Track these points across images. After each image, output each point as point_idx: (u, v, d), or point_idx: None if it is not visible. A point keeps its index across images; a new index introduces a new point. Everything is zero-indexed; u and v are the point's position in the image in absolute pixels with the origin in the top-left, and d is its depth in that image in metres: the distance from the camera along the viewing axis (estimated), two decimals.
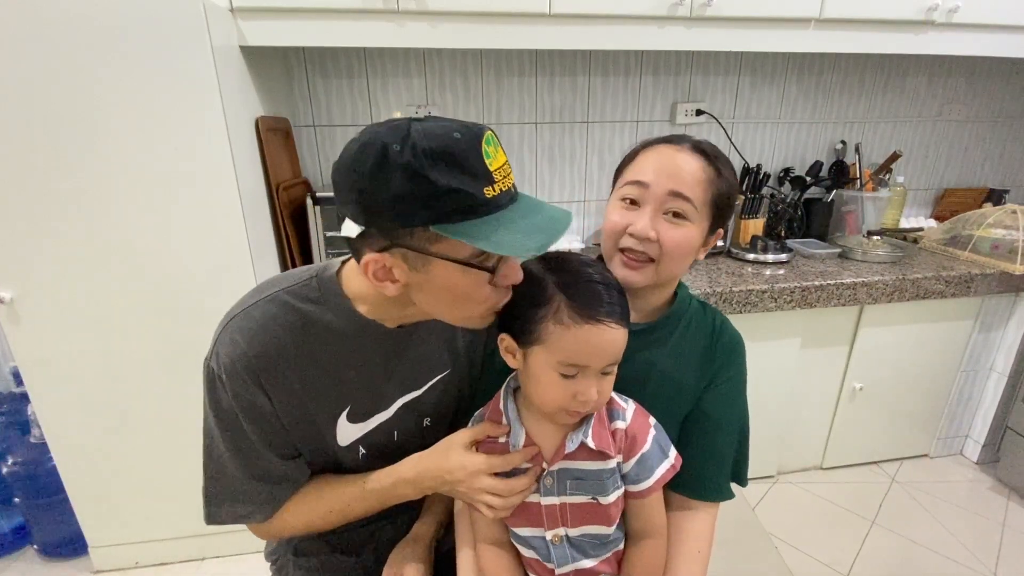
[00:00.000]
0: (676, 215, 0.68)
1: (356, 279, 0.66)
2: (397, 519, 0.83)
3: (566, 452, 0.63)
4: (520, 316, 0.61)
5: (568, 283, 0.60)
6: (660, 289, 0.74)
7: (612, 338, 0.59)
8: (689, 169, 0.67)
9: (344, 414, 0.70)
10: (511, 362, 0.65)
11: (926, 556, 1.53)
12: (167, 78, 1.09)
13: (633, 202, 0.70)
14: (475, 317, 0.63)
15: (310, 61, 1.64)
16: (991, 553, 1.53)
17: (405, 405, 0.74)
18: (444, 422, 0.79)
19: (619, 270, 0.70)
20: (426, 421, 0.77)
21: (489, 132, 0.56)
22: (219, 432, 0.66)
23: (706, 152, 0.69)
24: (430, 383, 0.75)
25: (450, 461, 0.67)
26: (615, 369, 0.62)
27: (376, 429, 0.73)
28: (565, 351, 0.59)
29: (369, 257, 0.57)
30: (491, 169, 0.54)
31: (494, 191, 0.54)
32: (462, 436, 0.69)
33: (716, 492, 0.75)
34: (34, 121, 1.08)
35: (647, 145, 0.72)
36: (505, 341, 0.64)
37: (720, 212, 0.70)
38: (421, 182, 0.51)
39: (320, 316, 0.66)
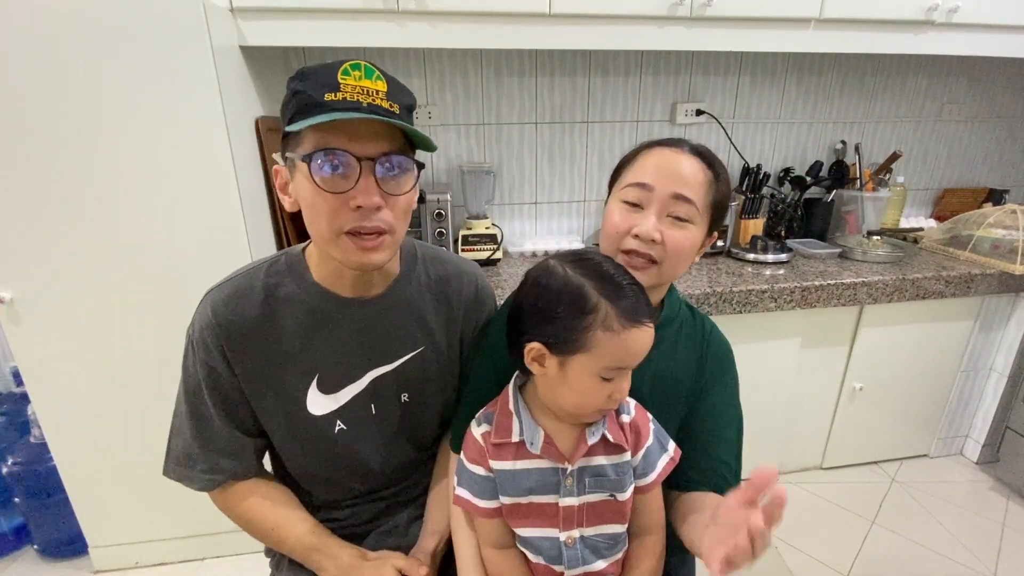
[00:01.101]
0: (679, 219, 0.68)
1: (313, 249, 0.72)
2: (395, 517, 0.83)
3: (589, 445, 0.64)
4: (561, 325, 0.60)
5: (609, 289, 0.60)
6: (657, 290, 0.75)
7: (649, 337, 0.61)
8: (691, 172, 0.68)
9: (314, 383, 0.72)
10: (538, 371, 0.63)
11: (926, 556, 1.52)
12: (167, 78, 1.09)
13: (635, 205, 0.70)
14: (328, 238, 0.63)
15: (310, 61, 1.64)
16: (991, 553, 1.53)
17: (378, 378, 0.75)
18: (423, 399, 0.80)
19: None
20: (404, 396, 0.78)
21: (363, 63, 0.61)
22: (183, 395, 0.72)
23: (704, 155, 0.71)
24: (403, 359, 0.76)
25: (382, 574, 0.70)
26: None
27: (351, 402, 0.74)
28: (612, 356, 0.59)
29: (276, 168, 0.67)
30: (341, 82, 0.59)
31: (335, 96, 0.59)
32: (397, 560, 0.73)
33: (725, 488, 0.75)
34: (34, 121, 1.08)
35: (646, 147, 0.72)
36: (534, 351, 0.62)
37: (718, 215, 0.72)
38: (287, 92, 0.62)
39: (285, 288, 0.71)
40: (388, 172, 0.62)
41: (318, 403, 0.73)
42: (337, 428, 0.74)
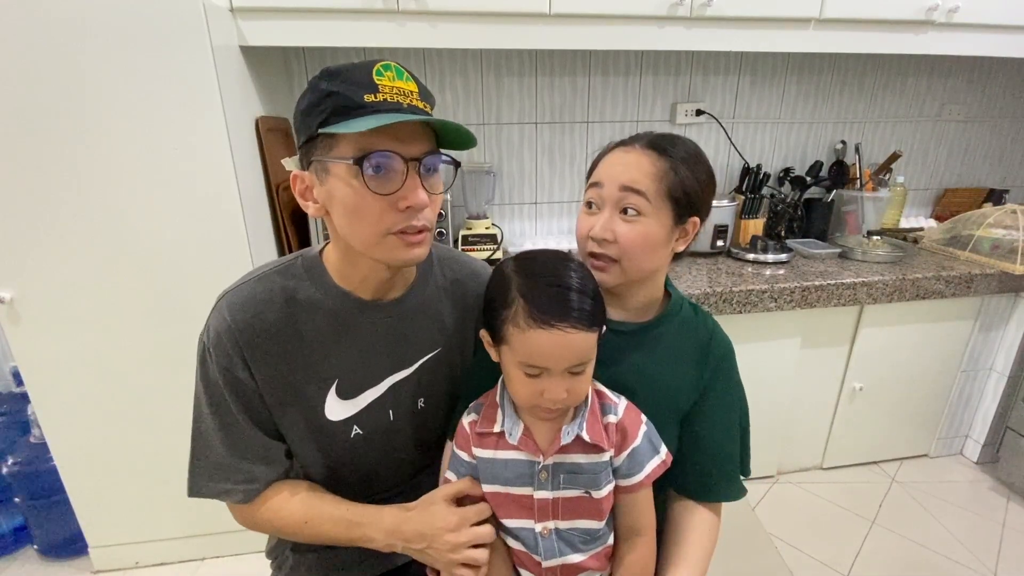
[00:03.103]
0: (631, 211, 0.69)
1: (333, 252, 0.70)
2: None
3: (561, 444, 0.64)
4: (491, 316, 0.64)
5: (528, 286, 0.60)
6: (641, 287, 0.74)
7: (568, 342, 0.59)
8: (638, 164, 0.69)
9: (333, 388, 0.71)
10: (494, 356, 0.67)
11: (926, 556, 1.53)
12: (167, 78, 1.09)
13: (593, 206, 0.72)
14: (373, 240, 0.62)
15: (310, 61, 1.64)
16: (991, 553, 1.53)
17: (396, 384, 0.75)
18: (437, 405, 0.79)
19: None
20: (420, 403, 0.78)
21: (392, 63, 0.61)
22: (207, 406, 0.69)
23: (659, 146, 0.70)
24: (420, 362, 0.76)
25: (433, 516, 0.67)
26: (587, 368, 0.62)
27: (370, 407, 0.74)
28: (523, 353, 0.60)
29: (294, 174, 0.65)
30: (378, 83, 0.58)
31: (375, 98, 0.58)
32: (443, 492, 0.70)
33: (725, 493, 0.75)
34: (34, 121, 1.08)
35: (606, 151, 0.74)
36: (485, 337, 0.66)
37: (680, 203, 0.70)
38: (314, 93, 0.59)
39: (303, 291, 0.69)
40: (429, 171, 0.63)
41: (336, 409, 0.72)
42: (354, 433, 0.74)
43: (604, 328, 0.64)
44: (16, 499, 1.46)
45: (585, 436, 0.64)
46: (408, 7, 1.28)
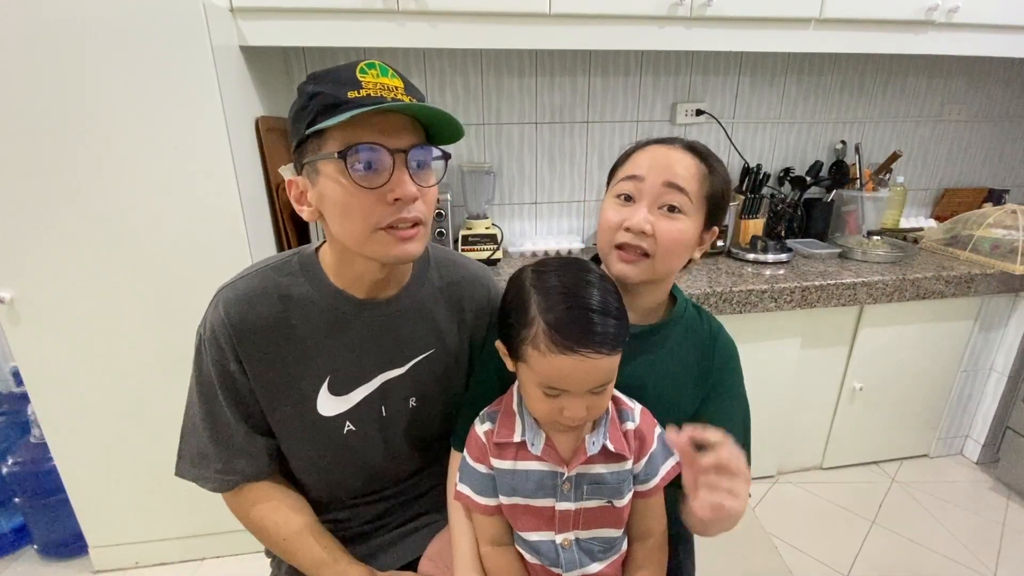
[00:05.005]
0: (671, 209, 0.68)
1: (328, 251, 0.71)
2: (394, 517, 0.84)
3: (588, 455, 0.63)
4: (508, 331, 0.62)
5: (548, 307, 0.58)
6: (656, 288, 0.74)
7: (591, 367, 0.56)
8: (683, 163, 0.69)
9: (325, 384, 0.72)
10: (510, 366, 0.65)
11: (926, 556, 1.52)
12: (167, 78, 1.09)
13: (628, 198, 0.70)
14: (363, 237, 0.62)
15: (310, 61, 1.64)
16: (991, 553, 1.53)
17: (388, 382, 0.75)
18: (430, 406, 0.80)
19: (615, 265, 0.70)
20: (411, 401, 0.78)
21: (376, 62, 0.61)
22: (197, 395, 0.71)
23: (698, 150, 0.71)
24: (413, 362, 0.76)
25: None
26: (608, 387, 0.61)
27: (361, 404, 0.74)
28: (543, 375, 0.58)
29: (289, 180, 0.65)
30: (361, 80, 0.59)
31: (358, 94, 0.58)
32: None
33: None
34: (34, 121, 1.08)
35: (640, 146, 0.73)
36: (501, 348, 0.65)
37: (714, 209, 0.71)
38: (301, 97, 0.60)
39: (298, 288, 0.70)
40: (418, 165, 0.63)
41: (328, 404, 0.73)
42: (346, 429, 0.74)
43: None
44: (16, 499, 1.46)
45: (610, 445, 0.63)
46: (408, 7, 1.28)
